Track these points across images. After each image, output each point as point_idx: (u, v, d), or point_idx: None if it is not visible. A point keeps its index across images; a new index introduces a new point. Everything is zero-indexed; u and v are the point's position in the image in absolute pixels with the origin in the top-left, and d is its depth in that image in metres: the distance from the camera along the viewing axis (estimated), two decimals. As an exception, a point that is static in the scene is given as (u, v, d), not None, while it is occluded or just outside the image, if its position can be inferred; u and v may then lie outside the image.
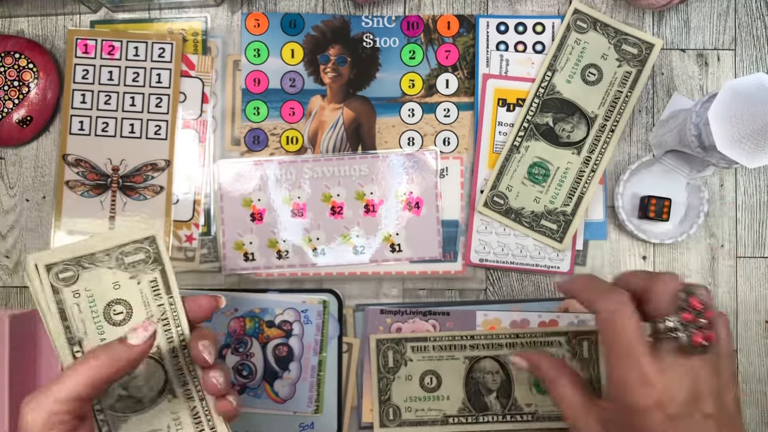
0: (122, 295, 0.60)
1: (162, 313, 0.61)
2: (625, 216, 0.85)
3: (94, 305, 0.59)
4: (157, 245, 0.60)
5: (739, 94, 0.70)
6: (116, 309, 0.60)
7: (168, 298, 0.61)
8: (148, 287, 0.60)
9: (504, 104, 0.87)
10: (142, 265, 0.60)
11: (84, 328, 0.59)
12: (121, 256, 0.59)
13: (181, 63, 0.87)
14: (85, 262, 0.58)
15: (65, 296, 0.58)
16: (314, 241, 0.86)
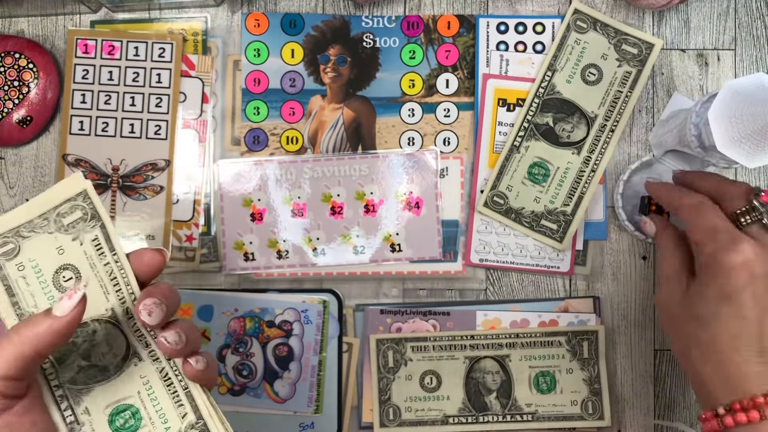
0: (68, 259, 0.56)
1: (109, 272, 0.57)
2: (625, 216, 0.85)
3: (41, 275, 0.56)
4: (91, 199, 0.56)
5: (739, 94, 0.70)
6: (65, 275, 0.56)
7: (112, 255, 0.57)
8: (92, 246, 0.56)
9: (504, 104, 0.87)
10: (81, 224, 0.56)
11: (34, 301, 0.56)
12: (59, 218, 0.56)
13: (181, 63, 0.87)
14: (24, 231, 0.55)
15: (9, 271, 0.55)
16: (314, 241, 0.86)
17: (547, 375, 0.86)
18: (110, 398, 0.57)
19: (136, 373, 0.58)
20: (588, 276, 0.87)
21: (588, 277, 0.87)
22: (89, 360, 0.57)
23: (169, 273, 0.87)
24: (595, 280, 0.88)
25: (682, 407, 0.88)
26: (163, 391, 0.58)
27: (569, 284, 0.88)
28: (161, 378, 0.58)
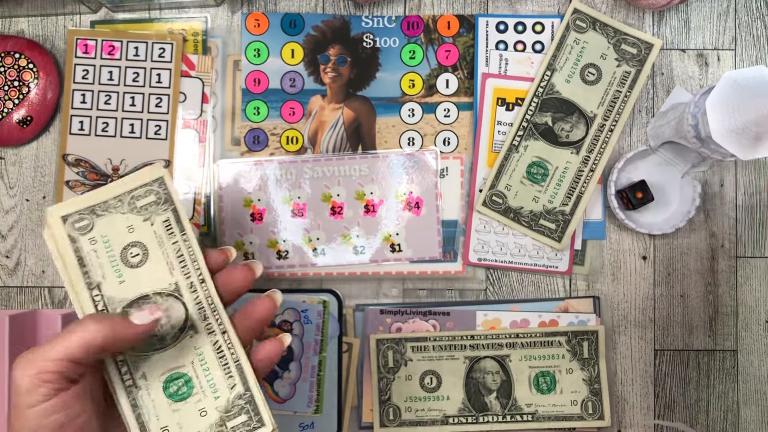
0: (137, 237, 0.60)
1: (177, 250, 0.61)
2: (617, 204, 0.85)
3: (110, 250, 0.60)
4: (166, 186, 0.61)
5: (739, 86, 0.70)
6: (132, 251, 0.60)
7: (182, 235, 0.61)
8: (162, 227, 0.61)
9: (503, 103, 0.87)
10: (154, 207, 0.60)
11: (102, 272, 0.59)
12: (133, 200, 0.60)
13: (181, 63, 0.87)
14: (98, 210, 0.59)
15: (82, 244, 0.59)
16: (314, 241, 0.86)
17: (547, 375, 0.86)
18: (166, 366, 0.60)
19: (191, 344, 0.61)
20: (588, 276, 0.87)
21: (588, 277, 0.87)
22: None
23: (169, 273, 0.87)
24: (595, 280, 0.88)
25: (682, 407, 0.88)
26: (216, 363, 0.62)
27: (569, 284, 0.88)
28: (215, 350, 0.62)
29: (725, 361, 0.88)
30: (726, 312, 0.88)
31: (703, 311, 0.88)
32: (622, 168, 0.85)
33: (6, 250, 0.88)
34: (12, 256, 0.88)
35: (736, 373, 0.88)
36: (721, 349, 0.88)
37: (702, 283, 0.88)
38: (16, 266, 0.88)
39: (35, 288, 0.88)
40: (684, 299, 0.88)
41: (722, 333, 0.88)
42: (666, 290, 0.88)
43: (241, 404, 0.62)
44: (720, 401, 0.88)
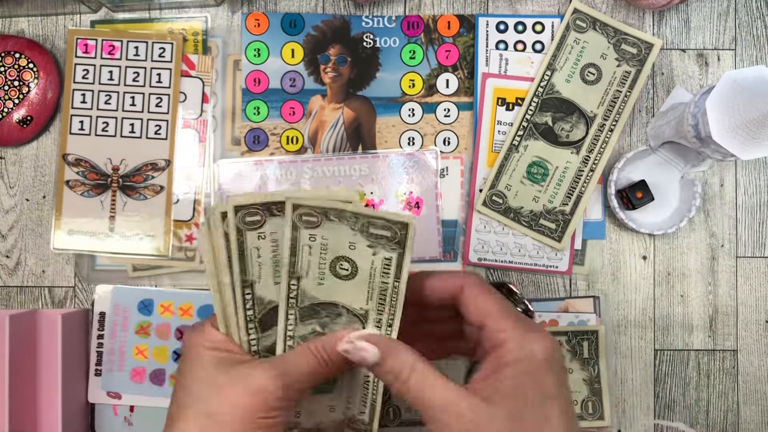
0: (355, 257, 0.58)
1: (382, 290, 0.59)
2: (617, 204, 0.85)
3: (325, 253, 0.58)
4: (407, 232, 0.58)
5: (739, 86, 0.70)
6: (343, 265, 0.59)
7: (394, 281, 0.59)
8: (381, 263, 0.59)
9: (503, 103, 0.87)
10: (385, 241, 0.58)
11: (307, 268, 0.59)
12: (367, 225, 0.58)
13: (181, 63, 0.87)
14: (331, 215, 0.58)
15: (301, 235, 0.58)
16: (314, 241, 0.86)
17: (547, 375, 0.85)
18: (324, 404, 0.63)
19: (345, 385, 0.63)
20: (588, 276, 0.87)
21: (588, 277, 0.87)
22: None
23: (169, 273, 0.87)
24: (595, 280, 0.88)
25: (682, 407, 0.88)
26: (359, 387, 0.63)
27: (569, 284, 0.88)
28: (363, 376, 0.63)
29: (725, 361, 0.88)
30: (726, 312, 0.88)
31: (703, 311, 0.88)
32: (622, 168, 0.85)
33: (6, 250, 0.88)
34: (12, 256, 0.88)
35: (736, 373, 0.88)
36: (721, 349, 0.88)
37: (702, 283, 0.88)
38: (16, 266, 0.88)
39: (35, 288, 0.88)
40: (684, 299, 0.88)
41: (722, 333, 0.88)
42: (666, 290, 0.88)
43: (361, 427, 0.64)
44: (720, 401, 0.88)
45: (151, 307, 0.87)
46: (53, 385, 0.82)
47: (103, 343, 0.86)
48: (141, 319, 0.86)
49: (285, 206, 0.58)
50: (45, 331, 0.83)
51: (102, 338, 0.86)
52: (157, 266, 0.87)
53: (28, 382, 0.81)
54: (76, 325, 0.85)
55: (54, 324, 0.82)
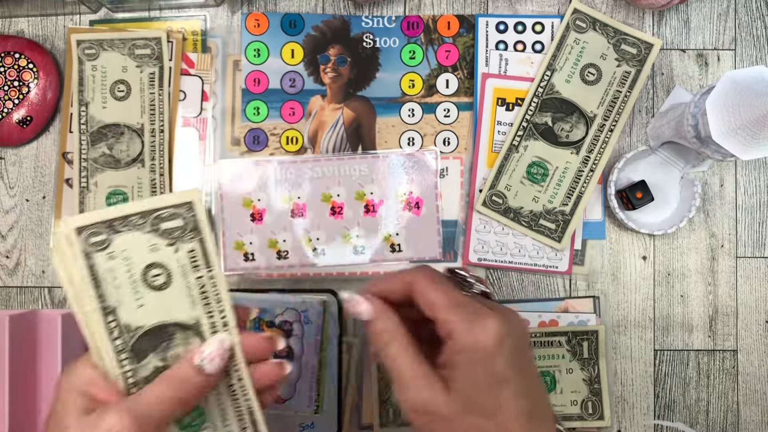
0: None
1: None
2: (617, 203, 0.85)
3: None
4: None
5: (738, 86, 0.70)
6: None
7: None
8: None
9: (503, 103, 0.87)
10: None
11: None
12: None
13: (181, 61, 0.87)
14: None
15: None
16: (314, 241, 0.86)
17: (547, 375, 0.85)
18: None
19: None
20: (588, 276, 0.87)
21: (588, 277, 0.87)
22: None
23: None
24: (595, 280, 0.88)
25: (682, 407, 0.88)
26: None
27: (569, 284, 0.88)
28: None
29: (725, 361, 0.88)
30: (726, 312, 0.88)
31: (703, 311, 0.88)
32: (622, 168, 0.85)
33: (6, 250, 0.88)
34: (12, 256, 0.88)
35: (736, 373, 0.88)
36: (721, 349, 0.88)
37: (702, 283, 0.88)
38: (16, 266, 0.88)
39: (35, 288, 0.88)
40: (684, 299, 0.88)
41: (722, 333, 0.88)
42: (666, 290, 0.88)
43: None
44: (720, 401, 0.88)
45: (151, 308, 0.87)
46: (53, 385, 0.82)
47: (103, 343, 0.86)
48: (141, 320, 0.86)
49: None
50: (45, 331, 0.83)
51: (102, 338, 0.86)
52: (157, 266, 0.87)
53: (28, 382, 0.81)
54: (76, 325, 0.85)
55: (54, 324, 0.82)
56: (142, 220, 0.55)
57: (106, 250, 0.54)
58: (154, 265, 0.56)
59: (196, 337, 0.58)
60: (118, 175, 0.85)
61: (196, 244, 0.56)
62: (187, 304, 0.57)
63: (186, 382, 0.55)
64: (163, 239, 0.56)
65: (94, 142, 0.85)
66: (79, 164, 0.85)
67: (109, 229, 0.55)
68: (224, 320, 0.58)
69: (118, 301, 0.55)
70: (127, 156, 0.86)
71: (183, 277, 0.57)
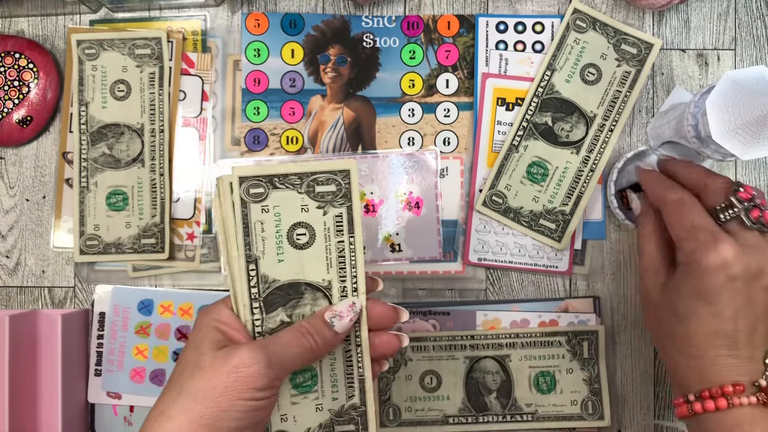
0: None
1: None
2: (616, 203, 0.84)
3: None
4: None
5: (739, 86, 0.70)
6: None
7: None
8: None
9: (503, 103, 0.87)
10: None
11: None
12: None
13: (181, 61, 0.87)
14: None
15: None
16: (314, 241, 0.86)
17: (547, 375, 0.86)
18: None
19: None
20: (588, 276, 0.87)
21: (588, 277, 0.87)
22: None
23: (169, 273, 0.87)
24: (595, 280, 0.87)
25: (682, 407, 0.88)
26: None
27: (569, 284, 0.88)
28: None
29: (725, 361, 0.88)
30: (726, 312, 0.88)
31: (703, 311, 0.88)
32: (622, 168, 0.85)
33: (6, 250, 0.88)
34: (12, 256, 0.88)
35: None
36: (721, 349, 0.88)
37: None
38: (16, 266, 0.88)
39: (35, 288, 0.88)
40: (684, 299, 0.88)
41: (722, 333, 0.88)
42: (666, 290, 0.88)
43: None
44: (720, 401, 0.88)
45: (151, 308, 0.87)
46: (53, 385, 0.82)
47: (103, 343, 0.86)
48: (141, 320, 0.86)
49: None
50: (45, 331, 0.83)
51: (102, 338, 0.86)
52: (157, 266, 0.87)
53: (28, 382, 0.82)
54: (76, 325, 0.85)
55: (54, 324, 0.82)
56: (300, 181, 0.59)
57: (262, 202, 0.59)
58: (301, 224, 0.60)
59: (325, 300, 0.62)
60: (118, 175, 0.86)
61: (344, 210, 0.60)
62: (323, 265, 0.61)
63: (315, 335, 0.59)
64: (315, 201, 0.60)
65: (94, 142, 0.85)
66: (79, 164, 0.85)
67: (268, 184, 0.59)
68: (355, 285, 0.62)
69: (262, 252, 0.60)
70: (127, 156, 0.86)
71: (325, 240, 0.61)
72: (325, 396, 0.63)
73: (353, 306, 0.61)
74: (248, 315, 0.61)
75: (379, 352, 0.64)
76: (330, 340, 0.60)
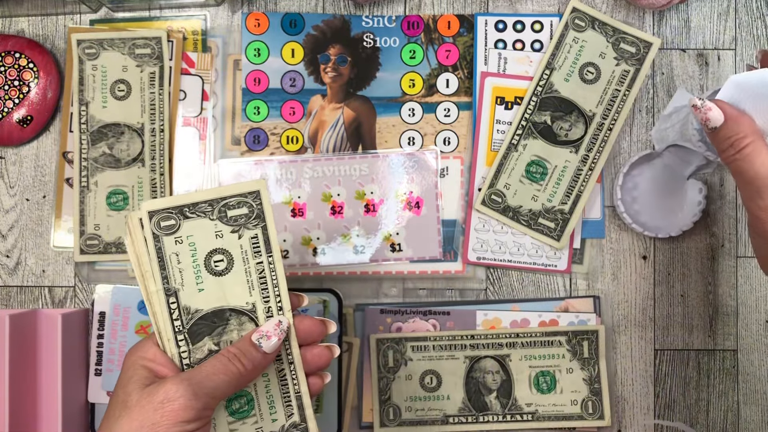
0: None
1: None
2: (623, 208, 0.85)
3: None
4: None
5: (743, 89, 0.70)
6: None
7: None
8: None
9: (502, 102, 0.87)
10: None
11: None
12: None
13: (181, 61, 0.87)
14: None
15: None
16: (314, 241, 0.86)
17: (547, 375, 0.85)
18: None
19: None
20: (588, 275, 0.87)
21: (588, 277, 0.87)
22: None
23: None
24: (595, 280, 0.87)
25: (682, 407, 0.88)
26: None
27: (569, 284, 0.88)
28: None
29: (725, 361, 0.88)
30: (726, 312, 0.88)
31: (703, 311, 0.88)
32: (628, 172, 0.85)
33: (6, 249, 0.88)
34: (12, 256, 0.88)
35: (736, 373, 0.88)
36: (721, 349, 0.88)
37: (702, 283, 0.88)
38: (16, 266, 0.88)
39: (35, 288, 0.88)
40: (684, 299, 0.88)
41: (722, 333, 0.88)
42: (666, 290, 0.88)
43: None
44: (720, 401, 0.88)
45: (151, 307, 0.87)
46: (53, 385, 0.82)
47: (103, 342, 0.86)
48: (141, 319, 0.86)
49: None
50: (45, 331, 0.83)
51: (102, 338, 0.86)
52: (157, 266, 0.87)
53: (28, 382, 0.82)
54: (76, 325, 0.85)
55: (54, 324, 0.82)
56: (210, 207, 0.59)
57: (175, 234, 0.59)
58: (217, 250, 0.60)
59: (251, 323, 0.61)
60: (118, 175, 0.86)
61: (259, 231, 0.60)
62: (245, 289, 0.61)
63: (242, 359, 0.59)
64: (228, 226, 0.60)
65: (95, 142, 0.85)
66: (80, 164, 0.85)
67: (179, 215, 0.58)
68: (279, 304, 0.62)
69: (180, 284, 0.59)
70: (127, 155, 0.86)
71: (244, 263, 0.60)
72: (264, 419, 0.63)
73: (279, 324, 0.61)
74: (174, 349, 0.61)
75: (313, 365, 0.64)
76: (260, 362, 0.60)
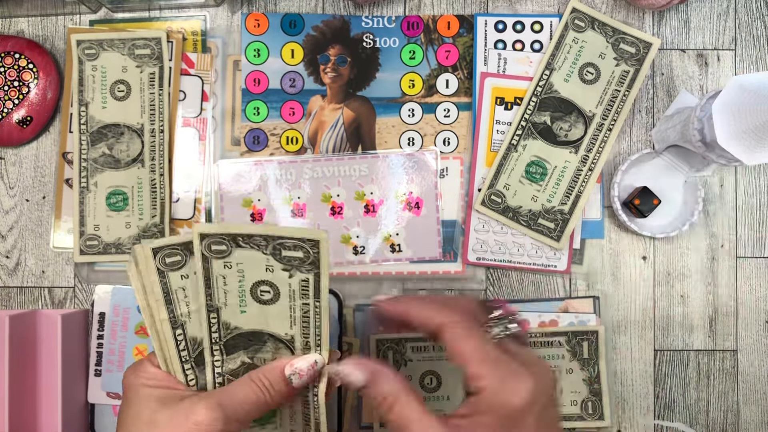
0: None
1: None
2: (620, 206, 0.85)
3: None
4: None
5: (745, 90, 0.70)
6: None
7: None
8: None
9: (502, 103, 0.87)
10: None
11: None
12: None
13: (181, 61, 0.87)
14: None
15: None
16: (314, 241, 0.86)
17: (547, 375, 0.85)
18: None
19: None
20: (588, 276, 0.87)
21: (588, 277, 0.87)
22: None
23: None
24: (595, 280, 0.87)
25: (682, 407, 0.88)
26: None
27: (569, 284, 0.88)
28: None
29: (725, 361, 0.88)
30: (726, 312, 0.88)
31: (703, 311, 0.88)
32: (626, 170, 0.85)
33: (6, 250, 0.88)
34: (12, 256, 0.88)
35: (736, 373, 0.88)
36: (721, 349, 0.88)
37: (702, 283, 0.88)
38: (16, 266, 0.88)
39: (35, 288, 0.88)
40: (684, 299, 0.88)
41: (722, 333, 0.88)
42: (666, 290, 0.88)
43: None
44: (720, 401, 0.88)
45: (151, 307, 0.87)
46: (53, 385, 0.82)
47: (102, 343, 0.86)
48: (141, 320, 0.86)
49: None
50: (45, 331, 0.83)
51: (102, 338, 0.86)
52: (157, 266, 0.87)
53: (28, 382, 0.82)
54: (76, 325, 0.85)
55: (54, 324, 0.82)
56: (265, 242, 0.57)
57: (225, 259, 0.58)
58: (265, 282, 0.59)
59: (287, 350, 0.61)
60: (118, 175, 0.86)
61: (311, 276, 0.59)
62: (287, 322, 0.60)
63: (272, 389, 0.59)
64: (281, 263, 0.58)
65: (94, 142, 0.85)
66: (79, 164, 0.85)
67: (231, 242, 0.57)
68: (318, 341, 0.61)
69: (223, 303, 0.59)
70: (127, 156, 0.86)
71: (289, 300, 0.60)
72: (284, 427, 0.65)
73: (314, 365, 0.60)
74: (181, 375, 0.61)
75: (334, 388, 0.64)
76: (287, 393, 0.60)
